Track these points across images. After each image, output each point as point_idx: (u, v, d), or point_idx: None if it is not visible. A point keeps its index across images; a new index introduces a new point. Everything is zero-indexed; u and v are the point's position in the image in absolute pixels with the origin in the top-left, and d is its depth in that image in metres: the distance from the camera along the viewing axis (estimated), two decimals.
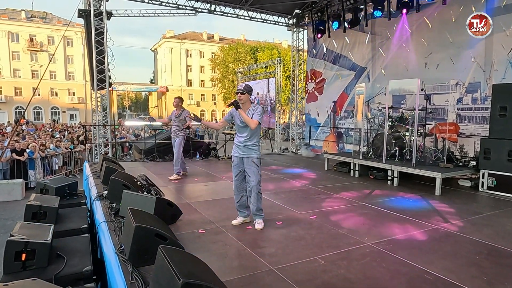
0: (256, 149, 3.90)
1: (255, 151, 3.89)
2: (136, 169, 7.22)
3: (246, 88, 3.91)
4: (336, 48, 10.68)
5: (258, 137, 3.97)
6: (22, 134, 14.96)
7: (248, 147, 3.89)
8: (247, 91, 3.90)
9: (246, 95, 3.88)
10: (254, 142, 3.90)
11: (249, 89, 3.94)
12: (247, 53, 40.53)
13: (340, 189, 5.94)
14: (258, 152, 3.92)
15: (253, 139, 3.90)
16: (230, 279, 2.57)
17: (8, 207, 8.03)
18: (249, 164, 3.86)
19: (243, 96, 3.86)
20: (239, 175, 3.97)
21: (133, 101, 69.59)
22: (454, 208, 4.81)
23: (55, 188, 4.83)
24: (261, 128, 4.05)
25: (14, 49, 43.35)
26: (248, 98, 3.91)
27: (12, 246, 2.79)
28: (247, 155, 3.87)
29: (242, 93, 3.87)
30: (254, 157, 3.86)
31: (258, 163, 3.88)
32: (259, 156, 3.92)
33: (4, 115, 41.13)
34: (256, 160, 3.86)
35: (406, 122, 6.85)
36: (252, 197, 3.86)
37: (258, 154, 3.90)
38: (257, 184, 3.84)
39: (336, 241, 3.46)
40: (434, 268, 2.84)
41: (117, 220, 3.69)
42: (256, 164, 3.85)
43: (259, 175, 3.89)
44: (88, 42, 8.67)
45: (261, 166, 3.96)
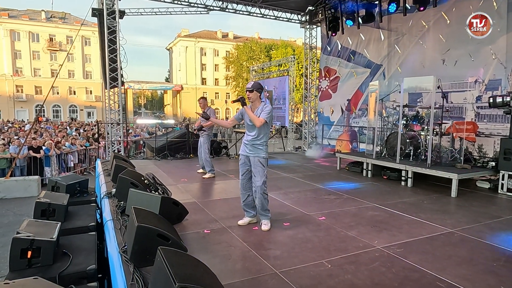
0: (263, 149, 3.81)
1: (262, 151, 3.80)
2: (147, 167, 7.25)
3: (254, 86, 3.83)
4: (351, 45, 10.46)
5: (267, 136, 3.86)
6: (40, 132, 15.34)
7: (255, 146, 3.81)
8: (256, 89, 3.82)
9: (255, 93, 3.81)
10: (262, 142, 3.81)
11: (258, 86, 3.85)
12: (261, 51, 40.41)
13: (351, 189, 5.80)
14: (265, 152, 3.82)
15: (261, 139, 3.80)
16: (232, 282, 2.51)
17: (24, 203, 8.21)
18: (255, 164, 3.78)
19: (252, 94, 3.80)
20: (245, 173, 3.91)
21: (149, 100, 70.55)
22: (471, 211, 4.61)
23: (66, 185, 4.88)
24: (269, 128, 3.90)
25: (34, 49, 44.65)
26: (257, 96, 3.83)
27: (18, 244, 2.79)
28: (254, 154, 3.80)
29: (251, 91, 3.81)
30: (260, 156, 3.78)
31: (264, 163, 3.79)
32: (266, 156, 3.82)
33: (25, 113, 42.47)
34: (262, 160, 3.78)
35: (421, 121, 6.62)
36: (257, 197, 3.78)
37: (264, 154, 3.81)
38: (262, 184, 3.75)
39: (345, 244, 3.34)
40: (447, 275, 2.70)
41: (123, 218, 3.68)
42: (262, 164, 3.77)
43: (265, 176, 3.79)
44: (101, 41, 8.76)
45: (267, 167, 3.85)
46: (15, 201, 8.37)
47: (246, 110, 3.78)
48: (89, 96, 46.99)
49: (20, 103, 43.38)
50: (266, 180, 3.82)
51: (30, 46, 44.31)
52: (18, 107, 43.15)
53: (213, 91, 55.19)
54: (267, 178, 3.84)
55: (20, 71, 43.87)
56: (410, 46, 8.65)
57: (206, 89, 54.70)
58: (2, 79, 42.71)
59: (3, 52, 42.94)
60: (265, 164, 3.79)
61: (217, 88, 55.32)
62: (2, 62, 43.04)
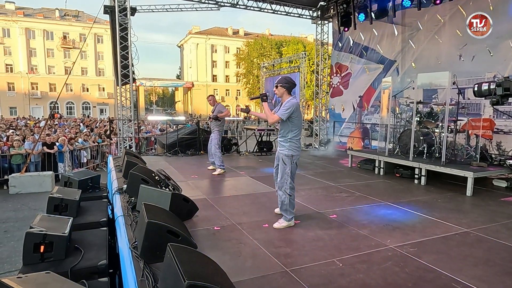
0: (287, 146, 3.71)
1: (285, 148, 3.71)
2: (158, 163, 7.29)
3: (279, 81, 3.77)
4: (363, 41, 10.30)
5: (292, 133, 3.71)
6: (54, 128, 15.61)
7: (280, 142, 3.80)
8: (281, 84, 3.73)
9: (279, 88, 3.73)
10: (285, 138, 3.74)
11: (283, 82, 3.75)
12: (272, 47, 40.26)
13: (363, 187, 5.71)
14: (289, 150, 3.70)
15: (285, 135, 3.73)
16: (242, 279, 2.48)
17: (39, 198, 8.36)
18: (280, 160, 3.77)
19: (276, 90, 3.77)
20: (276, 168, 3.91)
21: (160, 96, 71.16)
22: (487, 210, 4.48)
23: (78, 181, 4.93)
24: (293, 124, 3.71)
25: (48, 46, 45.46)
26: (283, 91, 3.73)
27: (31, 238, 2.82)
28: (280, 150, 3.80)
29: (276, 86, 3.77)
30: (283, 154, 3.72)
31: (287, 161, 3.69)
32: (289, 154, 3.69)
33: (40, 109, 43.32)
34: (285, 158, 3.70)
35: (436, 118, 6.47)
36: (278, 194, 3.78)
37: (287, 151, 3.70)
38: (282, 181, 3.71)
39: (356, 242, 3.28)
40: (463, 276, 2.62)
41: (134, 214, 3.70)
42: (283, 162, 3.71)
43: (287, 174, 3.69)
44: (112, 38, 8.83)
45: (292, 166, 3.70)
46: (30, 196, 8.54)
47: (264, 107, 3.82)
48: (102, 93, 47.65)
49: (35, 100, 44.27)
50: (289, 179, 3.70)
51: (45, 44, 45.11)
52: (33, 104, 44.05)
53: (224, 88, 55.26)
54: (289, 177, 3.70)
55: (35, 69, 44.74)
56: (425, 41, 8.46)
57: (216, 86, 54.81)
58: (18, 77, 43.64)
59: (18, 50, 43.84)
60: (287, 162, 3.69)
61: (228, 85, 55.36)
62: (18, 59, 43.96)
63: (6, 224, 6.59)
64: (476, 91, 5.29)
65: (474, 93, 5.37)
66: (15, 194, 8.73)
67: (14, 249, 5.53)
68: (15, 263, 5.04)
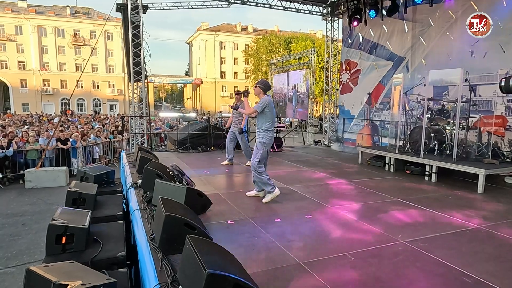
0: (262, 135, 4.57)
1: (260, 136, 4.58)
2: (170, 159, 7.41)
3: (259, 83, 4.75)
4: (373, 37, 10.25)
5: (265, 125, 4.58)
6: (67, 124, 15.89)
7: (257, 132, 4.64)
8: (259, 85, 4.68)
9: (258, 88, 4.66)
10: (261, 129, 4.59)
11: (261, 84, 4.73)
12: (280, 44, 40.14)
13: (373, 184, 5.74)
14: (262, 138, 4.56)
15: (261, 126, 4.60)
16: (257, 271, 2.56)
17: (54, 193, 8.58)
18: (254, 146, 4.66)
19: (255, 89, 4.68)
20: None
21: (169, 93, 71.56)
22: (499, 208, 4.48)
23: (94, 176, 5.07)
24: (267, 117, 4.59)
25: (60, 44, 46.06)
26: (260, 91, 4.64)
27: (53, 230, 2.95)
28: (256, 138, 4.66)
29: (255, 86, 4.71)
30: (258, 141, 4.60)
31: (259, 147, 4.56)
32: (262, 141, 4.55)
33: (51, 106, 44.03)
34: (258, 144, 4.57)
35: (447, 115, 6.45)
36: (253, 174, 4.58)
37: (261, 139, 4.56)
38: (253, 162, 4.52)
39: (368, 237, 3.34)
40: (474, 271, 2.66)
41: (150, 208, 3.80)
42: (256, 147, 4.59)
43: (257, 158, 4.51)
44: (125, 35, 8.96)
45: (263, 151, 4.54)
46: (45, 191, 8.76)
47: (243, 101, 4.87)
48: (112, 90, 48.15)
49: (47, 97, 44.98)
50: (259, 161, 4.52)
51: (56, 41, 45.72)
52: (45, 100, 44.77)
53: (232, 85, 55.31)
54: (260, 159, 4.52)
55: (46, 66, 45.41)
56: (436, 37, 8.39)
57: (225, 82, 54.91)
58: (30, 74, 44.37)
59: (31, 47, 44.53)
60: (259, 147, 4.56)
61: (236, 81, 55.40)
62: (30, 57, 44.68)
63: (23, 218, 6.80)
64: (503, 86, 4.84)
65: (501, 88, 4.95)
66: (31, 188, 8.97)
67: (32, 242, 5.70)
68: (33, 255, 5.21)
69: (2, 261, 4.98)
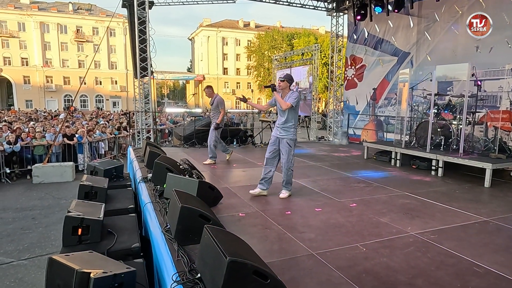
0: (291, 132, 4.38)
1: (290, 133, 4.38)
2: (177, 154, 7.46)
3: (286, 77, 4.46)
4: (378, 33, 10.24)
5: (294, 120, 4.43)
6: (72, 120, 15.97)
7: (284, 129, 4.40)
8: (287, 79, 4.44)
9: (285, 82, 4.41)
10: (289, 125, 4.39)
11: (289, 78, 4.49)
12: (283, 40, 40.07)
13: (380, 178, 5.78)
14: (292, 134, 4.39)
15: (289, 122, 4.39)
16: (271, 261, 2.61)
17: (61, 188, 8.67)
18: (283, 144, 4.40)
19: (282, 83, 4.41)
20: (272, 152, 4.51)
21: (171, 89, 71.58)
22: (507, 201, 4.52)
23: (104, 170, 5.14)
24: (296, 113, 4.45)
25: (62, 40, 46.11)
26: (287, 85, 4.42)
27: (70, 221, 3.01)
28: (283, 136, 4.40)
29: (282, 80, 4.43)
30: (288, 138, 4.37)
31: (291, 144, 4.38)
32: (293, 138, 4.39)
33: (54, 102, 44.18)
34: (290, 141, 4.37)
35: (453, 110, 6.46)
36: (283, 172, 4.42)
37: (292, 136, 4.38)
38: (288, 161, 4.37)
39: (378, 229, 3.39)
40: (484, 261, 2.71)
41: (162, 201, 3.86)
42: (289, 144, 4.37)
43: (291, 155, 4.40)
44: (131, 31, 8.99)
45: (294, 147, 4.46)
46: (53, 186, 8.85)
47: (275, 95, 4.41)
48: (114, 86, 48.21)
49: (50, 93, 45.11)
50: (293, 158, 4.44)
51: (59, 37, 45.76)
52: (48, 97, 44.90)
53: (235, 81, 55.30)
54: (293, 157, 4.45)
55: (49, 62, 45.48)
56: (442, 33, 8.39)
57: (227, 78, 54.85)
58: (33, 70, 44.47)
59: (33, 43, 44.59)
60: (291, 144, 4.39)
61: (239, 78, 55.36)
62: (33, 53, 44.75)
63: (33, 212, 6.88)
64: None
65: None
66: (38, 183, 9.06)
67: (43, 235, 5.78)
68: (45, 248, 5.29)
69: (15, 254, 5.06)
